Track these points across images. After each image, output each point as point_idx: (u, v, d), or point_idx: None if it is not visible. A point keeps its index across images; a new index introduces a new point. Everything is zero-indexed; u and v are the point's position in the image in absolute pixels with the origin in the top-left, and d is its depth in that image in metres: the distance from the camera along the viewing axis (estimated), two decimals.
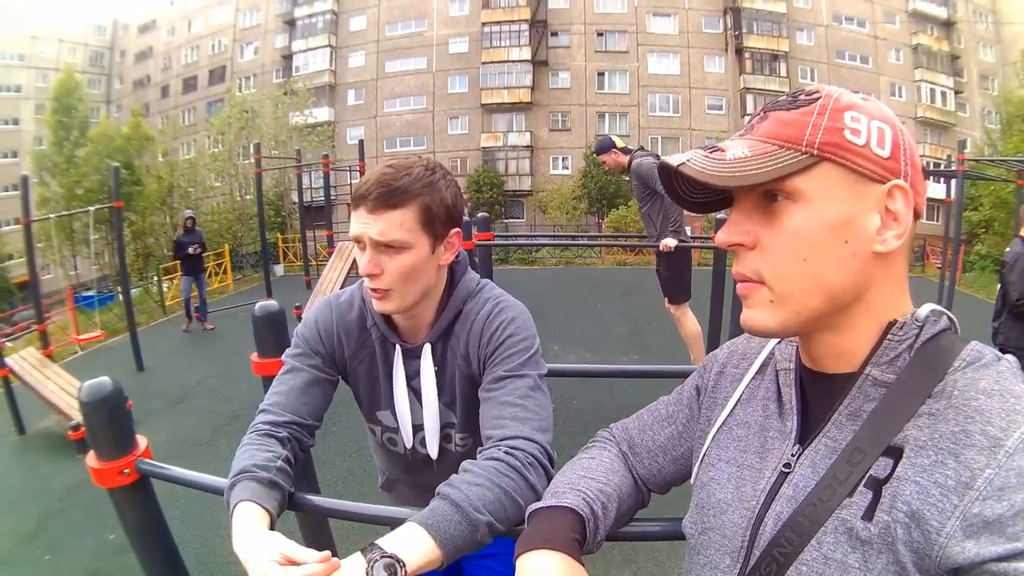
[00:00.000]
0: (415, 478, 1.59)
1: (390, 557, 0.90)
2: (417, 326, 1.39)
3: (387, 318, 1.39)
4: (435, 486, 1.07)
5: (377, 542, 0.93)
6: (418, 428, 1.45)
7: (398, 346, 1.40)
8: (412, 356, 1.40)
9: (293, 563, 0.91)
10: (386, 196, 1.20)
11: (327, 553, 0.91)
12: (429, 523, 0.98)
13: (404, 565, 0.90)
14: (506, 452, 1.12)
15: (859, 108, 0.69)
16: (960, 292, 9.07)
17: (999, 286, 4.92)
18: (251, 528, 1.03)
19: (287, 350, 1.42)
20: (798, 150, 0.69)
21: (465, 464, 1.12)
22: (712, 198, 0.80)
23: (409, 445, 1.47)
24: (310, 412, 1.33)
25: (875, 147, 0.68)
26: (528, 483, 1.09)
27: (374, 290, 1.26)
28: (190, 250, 10.36)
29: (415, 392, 1.42)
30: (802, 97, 0.72)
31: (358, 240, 1.23)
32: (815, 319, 0.72)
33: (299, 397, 1.32)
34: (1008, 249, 4.84)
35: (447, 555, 0.97)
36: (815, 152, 0.68)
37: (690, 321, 5.35)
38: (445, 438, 1.47)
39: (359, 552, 0.91)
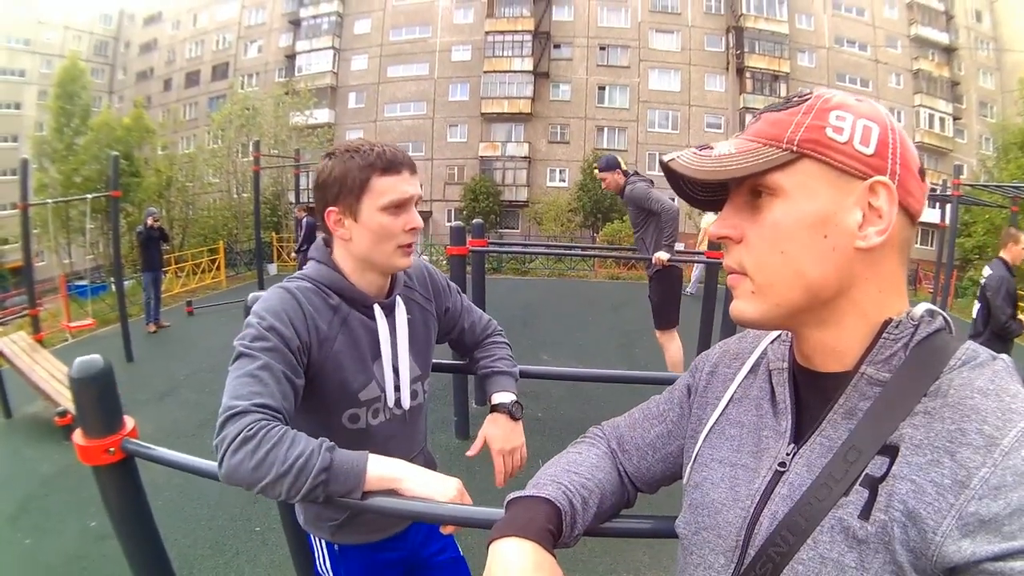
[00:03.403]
0: (389, 450, 1.46)
1: (516, 402, 1.64)
2: (383, 286, 1.50)
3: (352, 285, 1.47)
4: (408, 454, 1.55)
5: (495, 399, 1.63)
6: (395, 388, 1.52)
7: (377, 305, 1.47)
8: (388, 312, 1.50)
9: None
10: (412, 162, 1.41)
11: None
12: (504, 386, 1.66)
13: (521, 405, 1.65)
14: (494, 332, 1.81)
15: (847, 107, 0.70)
16: (951, 317, 9.15)
17: (977, 307, 5.08)
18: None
19: (247, 340, 1.28)
20: (779, 147, 0.71)
21: (489, 350, 1.76)
22: (719, 196, 0.81)
23: (392, 403, 1.50)
24: (288, 416, 1.24)
25: (858, 144, 0.68)
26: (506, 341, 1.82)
27: (410, 245, 1.43)
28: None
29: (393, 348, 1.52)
30: (795, 99, 0.74)
31: (405, 202, 1.38)
32: (796, 312, 0.74)
33: (281, 399, 1.23)
34: (989, 271, 4.99)
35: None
36: (795, 148, 0.70)
37: (675, 348, 5.40)
38: (413, 394, 1.57)
39: (492, 412, 1.62)
